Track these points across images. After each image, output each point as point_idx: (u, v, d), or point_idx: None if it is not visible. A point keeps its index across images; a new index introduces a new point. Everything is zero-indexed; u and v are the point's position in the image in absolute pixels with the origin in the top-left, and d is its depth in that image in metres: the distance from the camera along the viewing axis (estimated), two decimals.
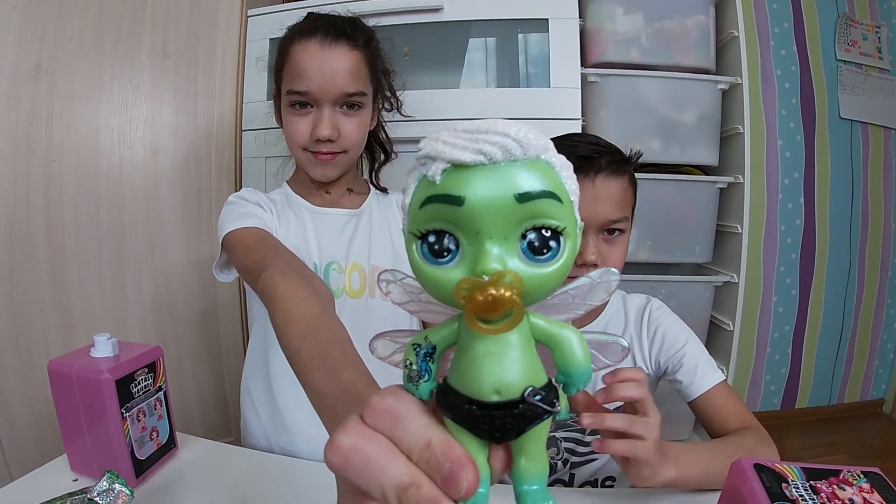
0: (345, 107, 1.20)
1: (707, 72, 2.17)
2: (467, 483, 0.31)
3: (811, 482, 0.62)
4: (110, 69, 1.87)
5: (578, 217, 0.34)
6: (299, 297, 0.82)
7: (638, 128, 2.07)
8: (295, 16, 1.28)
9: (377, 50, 1.26)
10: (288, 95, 1.19)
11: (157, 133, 1.96)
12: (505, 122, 0.31)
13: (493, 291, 0.30)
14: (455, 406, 0.34)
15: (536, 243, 0.32)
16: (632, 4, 2.11)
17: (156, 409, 1.03)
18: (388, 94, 1.35)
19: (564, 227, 0.32)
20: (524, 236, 0.32)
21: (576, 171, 0.99)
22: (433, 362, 0.37)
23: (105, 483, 0.81)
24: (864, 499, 0.60)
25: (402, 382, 0.38)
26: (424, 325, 1.16)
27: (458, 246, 0.33)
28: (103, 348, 0.96)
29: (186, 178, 2.02)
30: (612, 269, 0.38)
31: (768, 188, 3.17)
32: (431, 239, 0.33)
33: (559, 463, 1.22)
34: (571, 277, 0.85)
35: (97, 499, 0.79)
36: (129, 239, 1.92)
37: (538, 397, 0.33)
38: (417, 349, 0.37)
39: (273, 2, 2.16)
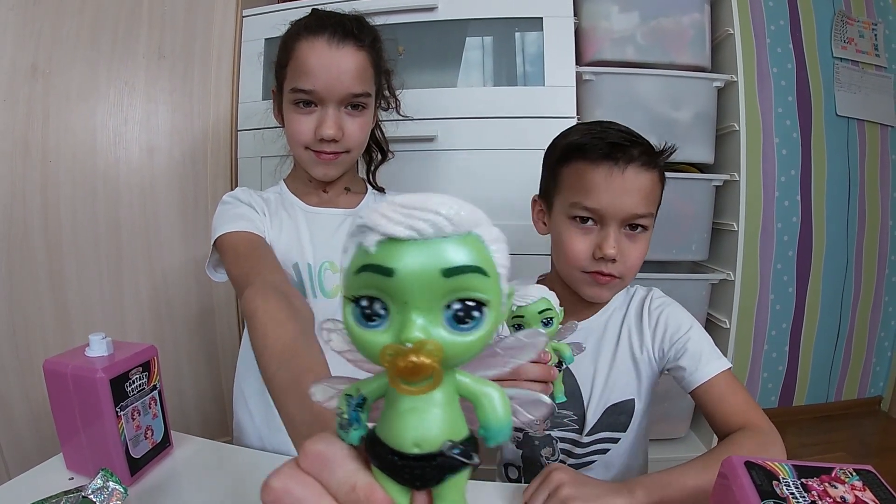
0: (349, 107, 1.19)
1: (703, 70, 2.18)
2: None
3: (802, 480, 0.62)
4: (106, 70, 1.87)
5: (505, 286, 0.36)
6: (277, 321, 0.86)
7: (633, 126, 2.02)
8: (290, 16, 1.26)
9: (381, 50, 1.25)
10: (292, 93, 1.17)
11: (153, 133, 1.96)
12: (439, 199, 0.33)
13: (413, 359, 0.33)
14: (380, 455, 0.37)
15: (460, 314, 0.34)
16: (627, 2, 2.11)
17: (150, 407, 1.03)
18: (388, 93, 1.34)
19: (489, 300, 0.35)
20: (449, 306, 0.34)
21: (606, 158, 1.03)
22: (363, 412, 0.39)
23: (99, 481, 0.81)
24: (857, 497, 0.60)
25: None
26: None
27: (387, 311, 0.35)
28: (98, 347, 0.96)
29: (183, 178, 2.03)
30: (541, 332, 0.41)
31: (764, 186, 3.17)
32: (363, 303, 0.35)
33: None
34: (590, 273, 1.04)
35: (92, 496, 0.79)
36: (126, 239, 1.92)
37: (456, 451, 0.36)
38: (349, 399, 0.40)
39: (268, 2, 2.16)
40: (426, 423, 0.36)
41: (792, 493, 0.60)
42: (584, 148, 1.09)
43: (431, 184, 1.91)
